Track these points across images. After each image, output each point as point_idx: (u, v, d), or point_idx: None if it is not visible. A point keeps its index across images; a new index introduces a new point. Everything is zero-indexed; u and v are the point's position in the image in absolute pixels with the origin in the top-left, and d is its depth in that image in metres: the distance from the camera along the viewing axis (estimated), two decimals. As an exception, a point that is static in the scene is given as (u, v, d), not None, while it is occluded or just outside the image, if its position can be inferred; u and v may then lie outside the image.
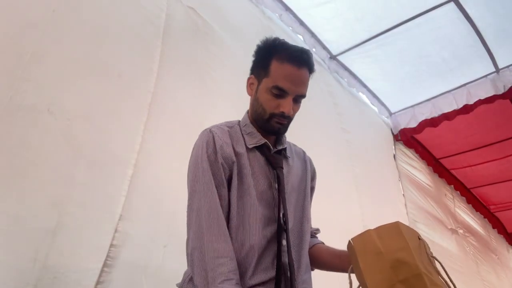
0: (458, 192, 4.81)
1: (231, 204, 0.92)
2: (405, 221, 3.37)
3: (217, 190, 0.91)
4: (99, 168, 1.34)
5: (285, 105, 0.93)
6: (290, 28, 2.80)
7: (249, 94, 1.04)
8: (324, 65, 3.09)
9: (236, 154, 0.96)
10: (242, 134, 1.01)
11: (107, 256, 1.27)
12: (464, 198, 4.93)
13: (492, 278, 4.69)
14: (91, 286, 1.20)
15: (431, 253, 0.73)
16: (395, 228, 0.71)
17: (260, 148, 1.00)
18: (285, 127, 0.99)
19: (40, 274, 1.11)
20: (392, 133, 3.83)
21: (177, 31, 1.86)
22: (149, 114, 1.57)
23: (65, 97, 1.32)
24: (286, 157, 1.05)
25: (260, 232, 0.90)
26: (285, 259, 0.90)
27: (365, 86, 3.43)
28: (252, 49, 1.04)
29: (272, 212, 0.94)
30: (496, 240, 5.56)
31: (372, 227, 0.77)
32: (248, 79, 1.03)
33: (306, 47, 3.01)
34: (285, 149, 1.05)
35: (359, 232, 0.77)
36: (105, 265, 1.25)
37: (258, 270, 0.88)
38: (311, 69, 0.98)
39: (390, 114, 3.82)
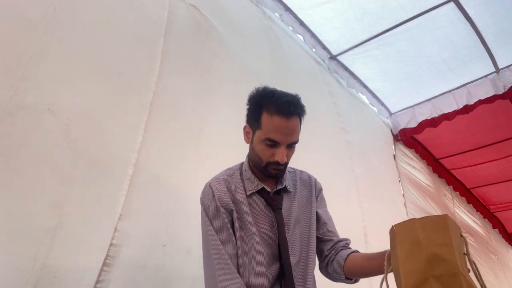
0: (458, 192, 4.81)
1: (237, 246, 1.03)
2: (404, 221, 3.37)
3: (222, 237, 1.02)
4: (100, 168, 1.35)
5: (279, 154, 1.00)
6: (290, 28, 2.80)
7: (246, 142, 1.11)
8: (324, 65, 3.09)
9: (235, 201, 1.06)
10: (242, 180, 1.10)
11: (107, 255, 1.27)
12: (464, 198, 4.93)
13: (490, 278, 4.69)
14: (90, 285, 1.21)
15: (469, 253, 0.71)
16: (442, 221, 0.68)
17: (259, 192, 1.09)
18: (282, 172, 1.08)
19: (40, 273, 1.11)
20: (392, 133, 3.83)
21: (179, 30, 1.86)
22: (150, 113, 1.56)
23: (66, 97, 1.32)
24: (288, 192, 1.13)
25: (265, 271, 1.00)
26: None
27: (365, 86, 3.43)
28: (253, 48, 1.06)
29: (275, 251, 1.04)
30: (496, 241, 5.56)
31: (372, 227, 0.76)
32: (244, 127, 1.10)
33: (306, 47, 3.03)
34: (284, 187, 1.12)
35: (359, 232, 0.77)
36: (104, 264, 1.25)
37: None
38: (300, 115, 1.05)
39: (390, 114, 3.82)
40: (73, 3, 1.45)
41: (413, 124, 3.64)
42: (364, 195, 2.85)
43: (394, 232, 0.72)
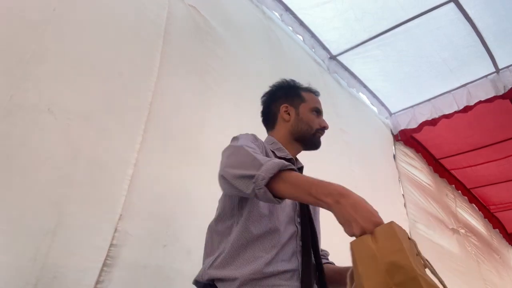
0: (459, 191, 4.80)
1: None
2: (405, 221, 3.37)
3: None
4: (99, 168, 1.34)
5: (324, 122, 1.21)
6: (290, 28, 2.80)
7: (287, 120, 1.19)
8: (323, 65, 3.09)
9: (267, 154, 1.05)
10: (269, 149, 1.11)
11: (107, 255, 1.26)
12: (465, 198, 4.93)
13: (494, 278, 4.68)
14: (91, 285, 1.20)
15: (420, 252, 0.72)
16: (390, 229, 0.69)
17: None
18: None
19: (40, 273, 1.11)
20: (392, 134, 3.83)
21: (178, 30, 1.86)
22: (149, 114, 1.56)
23: (66, 97, 1.32)
24: None
25: (285, 225, 0.95)
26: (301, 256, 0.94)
27: (365, 86, 3.43)
28: (253, 49, 1.07)
29: (293, 215, 1.01)
30: (497, 240, 5.56)
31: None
32: (282, 107, 1.21)
33: (306, 47, 3.02)
34: (302, 168, 1.18)
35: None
36: (105, 264, 1.25)
37: (277, 260, 0.89)
38: None
39: (390, 114, 3.82)
40: (73, 3, 1.46)
41: (413, 124, 3.63)
42: (364, 195, 2.83)
43: (352, 250, 0.72)
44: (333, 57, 3.12)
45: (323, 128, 1.19)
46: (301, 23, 2.81)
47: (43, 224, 1.16)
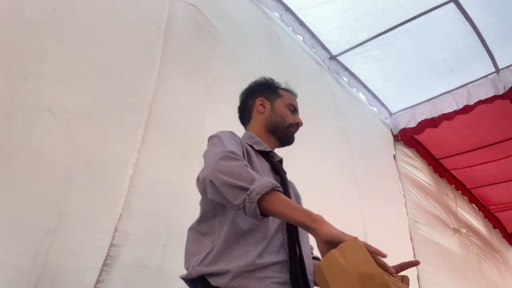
0: (460, 192, 4.81)
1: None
2: (405, 221, 3.37)
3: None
4: (99, 168, 1.34)
5: (299, 119, 1.21)
6: (290, 28, 2.80)
7: (261, 111, 1.21)
8: (324, 65, 3.09)
9: (248, 151, 1.05)
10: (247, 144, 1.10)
11: (107, 255, 1.26)
12: (466, 198, 4.93)
13: (496, 277, 4.67)
14: (91, 285, 1.20)
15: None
16: (355, 242, 0.72)
17: (265, 156, 1.11)
18: (294, 137, 1.20)
19: (40, 273, 1.11)
20: (392, 134, 3.83)
21: (179, 30, 1.86)
22: (149, 113, 1.56)
23: (66, 97, 1.32)
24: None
25: (272, 217, 0.93)
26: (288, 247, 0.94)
27: (365, 86, 3.43)
28: (254, 48, 1.07)
29: None
30: (497, 240, 5.56)
31: (371, 227, 0.77)
32: (257, 101, 1.22)
33: (306, 47, 3.03)
34: (281, 160, 1.18)
35: (359, 232, 0.77)
36: (104, 264, 1.25)
37: (267, 252, 0.90)
38: None
39: (390, 114, 3.82)
40: (73, 3, 1.46)
41: (413, 124, 3.63)
42: (365, 194, 2.84)
43: (322, 270, 0.74)
44: (333, 57, 3.12)
45: (297, 124, 1.19)
46: (301, 23, 2.82)
47: (43, 224, 1.16)
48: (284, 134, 1.18)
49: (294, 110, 1.21)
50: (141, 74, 1.61)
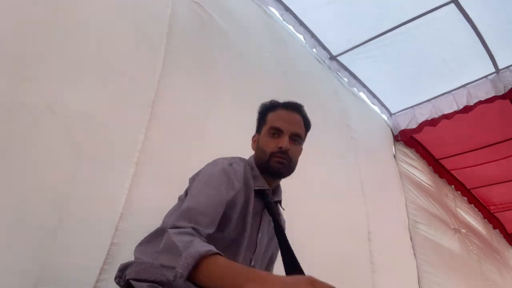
0: (459, 192, 4.81)
1: (231, 221, 0.95)
2: (405, 221, 3.37)
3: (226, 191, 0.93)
4: (101, 167, 1.34)
5: (282, 141, 1.01)
6: (291, 27, 2.81)
7: (253, 148, 1.14)
8: (324, 65, 3.10)
9: (246, 187, 1.01)
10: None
11: (108, 254, 1.26)
12: (465, 198, 4.93)
13: (496, 277, 4.67)
14: (91, 284, 1.20)
15: None
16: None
17: (261, 194, 1.05)
18: (285, 167, 1.03)
19: (40, 272, 1.10)
20: (392, 134, 3.83)
21: (182, 27, 1.84)
22: (152, 112, 1.55)
23: (67, 95, 1.31)
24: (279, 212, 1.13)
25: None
26: None
27: (365, 86, 3.43)
28: (257, 45, 1.07)
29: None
30: (497, 241, 5.56)
31: (374, 225, 0.75)
32: (252, 137, 1.16)
33: (307, 47, 3.03)
34: (280, 201, 1.12)
35: (362, 230, 0.76)
36: (105, 263, 1.25)
37: None
38: (303, 116, 1.08)
39: (390, 114, 3.83)
40: (74, 2, 1.45)
41: (413, 125, 3.63)
42: (368, 192, 2.84)
43: None
44: (333, 58, 3.12)
45: (279, 150, 1.00)
46: (301, 23, 2.82)
47: (43, 223, 1.15)
48: (268, 169, 1.03)
49: (275, 133, 1.03)
50: (144, 71, 1.60)
